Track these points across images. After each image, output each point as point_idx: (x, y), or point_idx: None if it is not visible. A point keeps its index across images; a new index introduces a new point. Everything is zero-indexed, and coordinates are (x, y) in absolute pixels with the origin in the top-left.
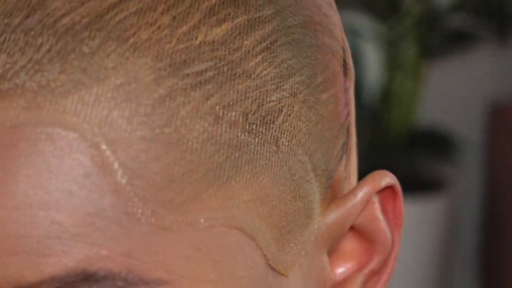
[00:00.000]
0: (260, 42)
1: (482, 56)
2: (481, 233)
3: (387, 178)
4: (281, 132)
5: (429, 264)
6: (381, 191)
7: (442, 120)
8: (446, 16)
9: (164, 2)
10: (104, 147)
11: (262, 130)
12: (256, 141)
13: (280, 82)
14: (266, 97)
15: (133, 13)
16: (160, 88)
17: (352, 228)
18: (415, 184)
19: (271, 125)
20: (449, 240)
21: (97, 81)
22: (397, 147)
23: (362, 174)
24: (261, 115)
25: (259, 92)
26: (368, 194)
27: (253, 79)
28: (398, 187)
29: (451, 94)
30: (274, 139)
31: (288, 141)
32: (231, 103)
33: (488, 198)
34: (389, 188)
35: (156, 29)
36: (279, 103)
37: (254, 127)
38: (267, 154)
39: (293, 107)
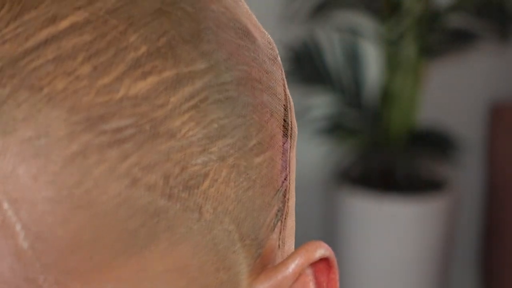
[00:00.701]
0: (189, 99)
1: (482, 55)
2: (481, 232)
3: (321, 250)
4: (206, 198)
5: (429, 264)
6: (315, 263)
7: (442, 120)
8: (446, 15)
9: (85, 50)
10: (6, 205)
11: (184, 196)
12: (177, 207)
13: (208, 144)
14: (191, 159)
15: (50, 61)
16: (73, 144)
17: None
18: (415, 184)
19: (195, 190)
20: (449, 240)
21: (3, 133)
22: (397, 147)
23: (362, 175)
24: (184, 179)
25: (184, 154)
26: (301, 267)
27: (178, 139)
28: (333, 259)
29: (451, 94)
30: (197, 206)
31: (213, 209)
32: (151, 164)
33: (488, 197)
34: (324, 260)
35: (74, 79)
36: (205, 167)
37: (175, 192)
38: (189, 222)
39: (221, 171)
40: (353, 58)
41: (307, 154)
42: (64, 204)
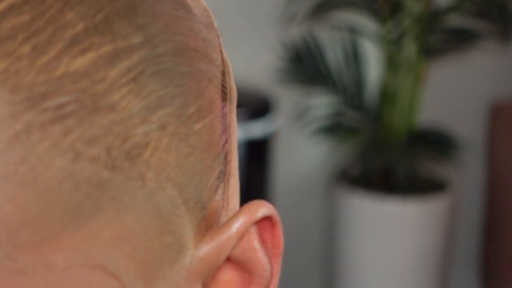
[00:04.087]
0: (127, 73)
1: (483, 55)
2: (481, 232)
3: (263, 209)
4: (148, 167)
5: (429, 264)
6: (259, 221)
7: (442, 120)
8: (446, 15)
9: (24, 30)
10: None
11: (127, 166)
12: (120, 177)
13: (147, 114)
14: (132, 131)
15: None
16: (17, 123)
17: (229, 258)
18: (415, 184)
19: (137, 160)
20: (449, 240)
21: None
22: (397, 147)
23: (362, 175)
24: (126, 150)
25: (124, 126)
26: (244, 226)
27: (118, 112)
28: (276, 217)
29: (451, 94)
30: (140, 175)
31: (156, 176)
32: (93, 138)
33: (488, 197)
34: (268, 218)
35: (15, 60)
36: (146, 137)
37: (118, 163)
38: (132, 191)
39: (162, 140)
40: (354, 58)
41: (307, 154)
42: (11, 181)
